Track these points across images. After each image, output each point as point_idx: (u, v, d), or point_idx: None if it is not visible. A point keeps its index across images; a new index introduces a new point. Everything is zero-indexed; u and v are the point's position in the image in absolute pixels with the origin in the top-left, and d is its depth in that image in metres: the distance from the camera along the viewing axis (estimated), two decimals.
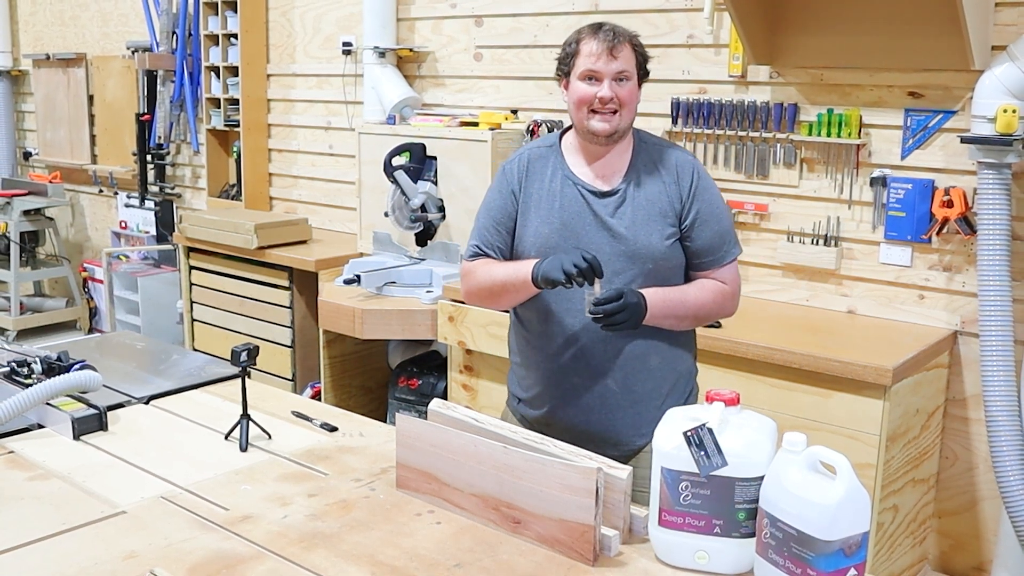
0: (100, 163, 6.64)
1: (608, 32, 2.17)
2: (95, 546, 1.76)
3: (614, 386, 2.22)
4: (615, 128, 2.17)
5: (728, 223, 2.28)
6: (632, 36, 2.21)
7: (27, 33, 7.16)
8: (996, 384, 3.01)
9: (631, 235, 2.18)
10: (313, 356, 4.62)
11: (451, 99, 4.65)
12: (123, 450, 2.21)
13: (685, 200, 2.21)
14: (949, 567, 3.48)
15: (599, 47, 2.15)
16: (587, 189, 2.22)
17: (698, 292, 2.23)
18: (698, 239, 2.22)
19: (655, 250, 2.18)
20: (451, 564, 1.70)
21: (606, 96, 2.14)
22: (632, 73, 2.17)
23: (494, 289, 2.24)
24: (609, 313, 2.04)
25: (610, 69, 2.14)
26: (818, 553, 1.50)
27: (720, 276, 2.26)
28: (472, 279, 2.30)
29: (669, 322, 2.20)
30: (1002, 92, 2.98)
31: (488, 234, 2.29)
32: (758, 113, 3.62)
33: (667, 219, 2.20)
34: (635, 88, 2.19)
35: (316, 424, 2.38)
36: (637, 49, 2.20)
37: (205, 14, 5.56)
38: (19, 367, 2.50)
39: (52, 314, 6.68)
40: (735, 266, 2.29)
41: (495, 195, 2.31)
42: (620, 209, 2.19)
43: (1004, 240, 3.02)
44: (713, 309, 2.26)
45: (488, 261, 2.28)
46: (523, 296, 2.22)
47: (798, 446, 1.58)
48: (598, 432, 2.22)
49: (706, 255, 2.24)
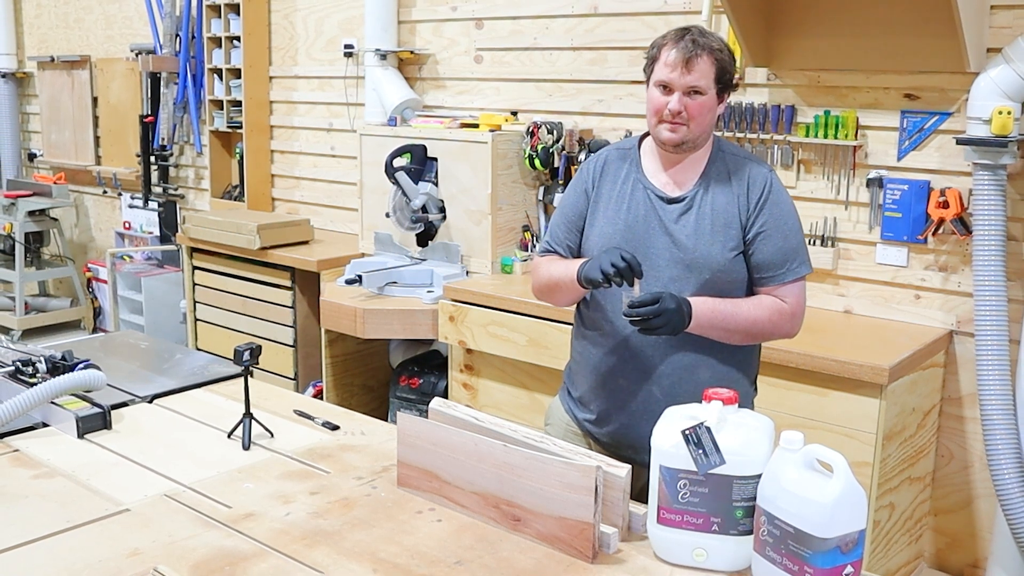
0: (104, 164, 6.66)
1: (688, 43, 2.07)
2: (100, 543, 1.77)
3: (659, 393, 2.17)
4: (682, 139, 2.12)
5: (796, 241, 2.18)
6: (715, 48, 2.10)
7: (32, 35, 7.18)
8: (991, 383, 3.02)
9: (692, 243, 2.14)
10: (315, 355, 4.63)
11: (452, 101, 4.67)
12: (127, 448, 2.22)
13: (752, 212, 2.15)
14: (945, 564, 3.49)
15: (676, 58, 2.07)
16: (655, 194, 2.19)
17: (752, 307, 2.15)
18: (760, 253, 2.15)
19: (714, 261, 2.13)
20: (452, 561, 1.71)
21: (675, 109, 2.09)
22: (707, 87, 2.09)
23: (550, 285, 2.26)
24: (645, 316, 2.00)
25: (683, 82, 2.08)
26: (815, 550, 1.50)
27: (781, 294, 2.17)
28: (536, 274, 2.33)
29: (716, 333, 2.13)
30: (997, 94, 2.99)
31: (559, 231, 2.30)
32: (756, 115, 3.63)
33: (731, 230, 2.14)
34: (709, 102, 2.11)
35: (318, 423, 2.39)
36: (719, 62, 2.10)
37: (208, 17, 5.59)
38: (24, 366, 2.50)
39: (56, 314, 6.69)
40: (800, 286, 2.19)
41: (571, 193, 2.30)
42: (684, 216, 2.16)
43: (999, 240, 3.04)
44: (767, 327, 2.17)
45: (554, 258, 2.29)
46: (575, 295, 2.23)
47: (795, 444, 1.59)
48: (640, 438, 2.09)
49: (767, 270, 2.16)
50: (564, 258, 2.28)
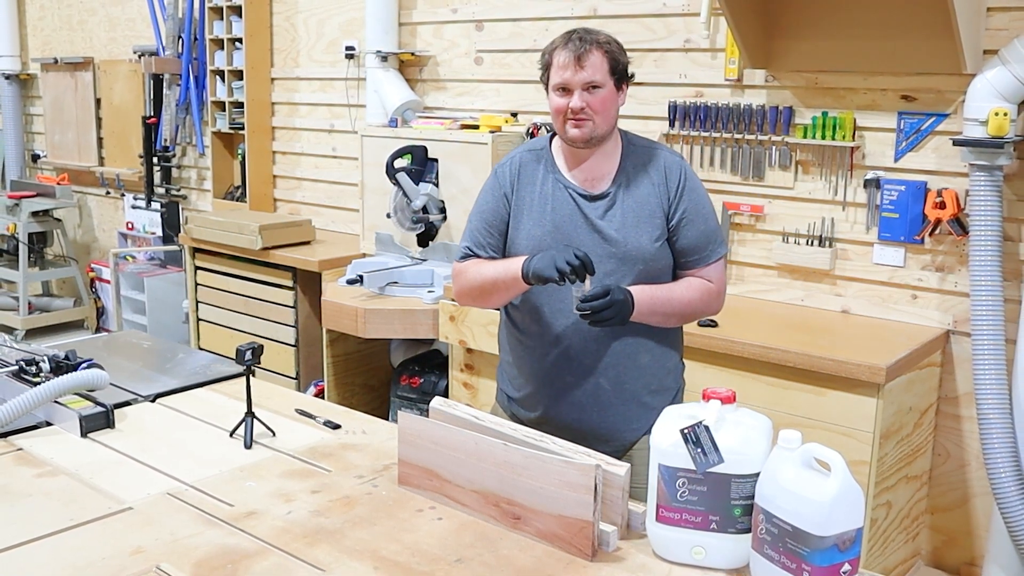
0: (107, 165, 6.68)
1: (576, 41, 2.15)
2: (103, 541, 1.78)
3: (606, 384, 2.25)
4: (590, 134, 2.17)
5: (714, 223, 2.29)
6: (602, 41, 2.16)
7: (35, 37, 7.19)
8: (988, 382, 3.04)
9: (621, 237, 2.20)
10: (316, 355, 4.65)
11: (452, 102, 4.68)
12: (130, 447, 2.23)
13: (672, 200, 2.23)
14: (942, 562, 3.51)
15: (566, 58, 2.14)
16: (577, 192, 2.24)
17: (684, 290, 2.25)
18: (684, 238, 2.24)
19: (645, 252, 2.21)
20: (452, 559, 1.72)
21: (576, 107, 2.14)
22: (603, 80, 2.15)
23: (484, 287, 2.25)
24: (596, 309, 2.06)
25: (578, 79, 2.14)
26: (813, 548, 1.50)
27: (706, 275, 2.27)
28: (463, 279, 2.32)
29: (656, 319, 2.22)
30: (994, 95, 3.01)
31: (479, 235, 2.31)
32: (754, 116, 3.65)
33: (656, 220, 2.22)
34: (609, 95, 2.17)
35: (319, 422, 2.40)
36: (609, 54, 2.16)
37: (210, 19, 5.61)
38: (27, 366, 2.50)
39: (60, 314, 6.70)
40: (721, 265, 2.30)
41: (487, 197, 2.32)
42: (610, 212, 2.21)
43: (995, 241, 3.05)
44: (699, 307, 2.28)
45: (479, 261, 2.30)
46: (514, 293, 2.24)
47: (793, 443, 1.59)
48: (590, 429, 2.24)
49: (692, 254, 2.26)
50: (491, 260, 2.29)
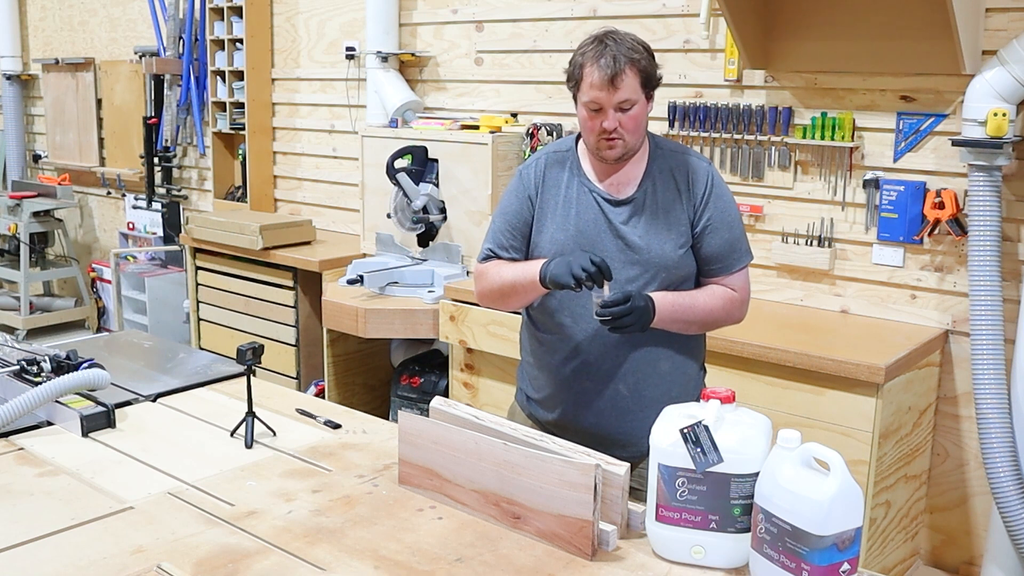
0: (108, 166, 6.69)
1: (608, 61, 2.07)
2: (104, 540, 1.78)
3: (625, 391, 2.22)
4: (623, 152, 2.15)
5: (740, 231, 2.25)
6: (636, 57, 2.10)
7: (36, 38, 7.20)
8: (986, 382, 3.04)
9: (644, 244, 2.18)
10: (317, 355, 4.66)
11: (452, 103, 4.69)
12: (131, 447, 2.23)
13: (698, 207, 2.19)
14: (940, 562, 3.51)
15: (600, 79, 2.07)
16: (602, 197, 2.21)
17: (707, 298, 2.22)
18: (708, 246, 2.21)
19: (668, 259, 2.18)
20: (452, 558, 1.72)
21: (610, 127, 2.11)
22: (636, 98, 2.11)
23: (504, 289, 2.24)
24: (617, 316, 2.04)
25: (612, 100, 2.09)
26: (812, 548, 1.50)
27: (730, 283, 2.24)
28: (484, 280, 2.30)
29: (677, 326, 2.19)
30: (992, 96, 3.01)
31: (502, 237, 2.28)
32: (753, 116, 3.65)
33: (680, 227, 2.19)
34: (641, 109, 2.13)
35: (320, 421, 2.40)
36: (641, 70, 2.11)
37: (211, 19, 5.62)
38: (29, 365, 2.50)
39: (61, 313, 6.72)
40: (745, 273, 2.27)
41: (511, 199, 2.29)
42: (634, 218, 2.19)
43: (994, 241, 3.06)
44: (721, 316, 2.25)
45: (500, 263, 2.28)
46: (532, 297, 2.22)
47: (792, 443, 1.59)
48: (608, 435, 2.22)
49: (716, 262, 2.22)
50: (513, 262, 2.27)
